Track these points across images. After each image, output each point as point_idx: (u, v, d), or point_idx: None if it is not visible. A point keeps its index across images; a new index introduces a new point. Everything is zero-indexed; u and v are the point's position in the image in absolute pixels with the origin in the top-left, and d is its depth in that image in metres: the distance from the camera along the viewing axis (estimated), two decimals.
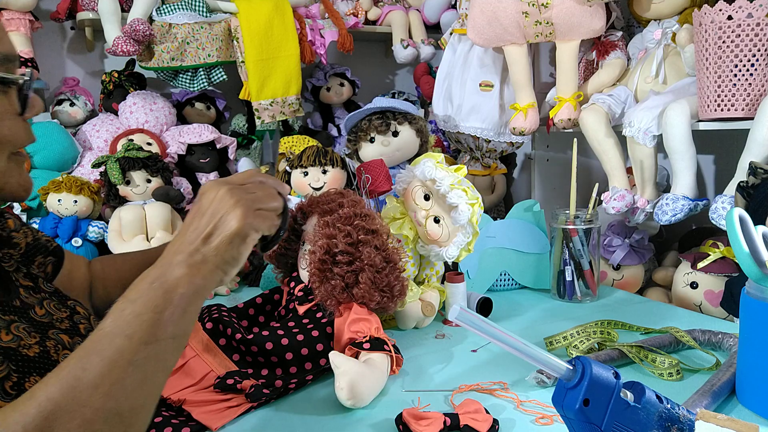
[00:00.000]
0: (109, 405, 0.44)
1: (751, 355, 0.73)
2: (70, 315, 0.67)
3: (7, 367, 0.54)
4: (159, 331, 0.49)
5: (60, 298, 0.69)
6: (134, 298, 0.51)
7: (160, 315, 0.50)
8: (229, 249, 0.56)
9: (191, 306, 0.53)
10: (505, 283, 1.33)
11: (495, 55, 1.65)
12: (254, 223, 0.58)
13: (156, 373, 0.49)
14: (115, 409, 0.45)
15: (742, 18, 1.09)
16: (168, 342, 0.50)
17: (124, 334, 0.48)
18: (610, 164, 1.38)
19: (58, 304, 0.67)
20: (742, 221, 0.70)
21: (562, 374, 0.50)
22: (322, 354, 0.84)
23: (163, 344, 0.50)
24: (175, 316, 0.50)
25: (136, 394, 0.47)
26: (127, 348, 0.47)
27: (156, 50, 1.68)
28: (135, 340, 0.48)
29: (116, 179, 1.56)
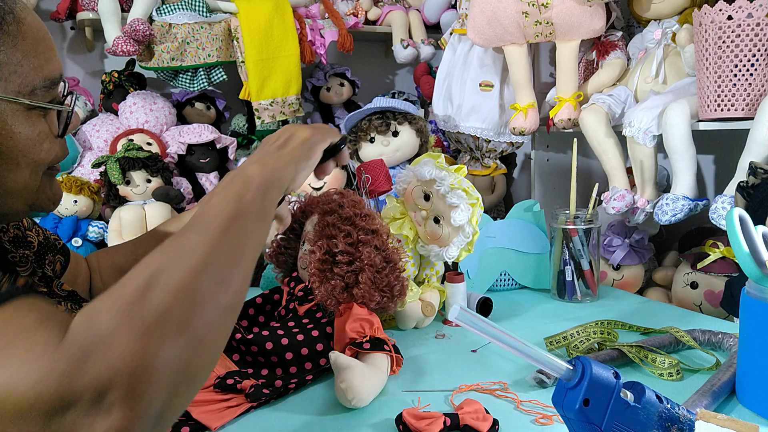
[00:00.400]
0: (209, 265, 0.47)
1: (751, 355, 0.73)
2: None
3: None
4: (243, 209, 0.54)
5: (75, 300, 0.70)
6: (216, 192, 0.56)
7: (242, 198, 0.55)
8: (301, 149, 0.66)
9: (269, 192, 0.58)
10: (505, 283, 1.33)
11: (495, 55, 1.65)
12: (321, 136, 0.70)
13: (247, 243, 0.53)
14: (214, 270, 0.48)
15: (742, 18, 1.09)
16: (253, 221, 0.55)
17: (215, 212, 0.53)
18: (610, 164, 1.38)
19: (74, 305, 0.68)
20: (742, 221, 0.70)
21: (562, 374, 0.50)
22: (322, 354, 0.84)
23: (250, 221, 0.54)
24: (257, 199, 0.56)
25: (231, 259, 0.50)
26: (218, 222, 0.52)
27: (156, 50, 1.68)
28: (224, 215, 0.53)
29: (116, 179, 1.56)
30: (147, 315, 0.41)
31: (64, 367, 0.38)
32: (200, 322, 0.44)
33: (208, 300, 0.45)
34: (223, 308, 0.47)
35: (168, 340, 0.41)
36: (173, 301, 0.43)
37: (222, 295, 0.47)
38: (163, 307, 0.42)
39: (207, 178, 1.81)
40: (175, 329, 0.42)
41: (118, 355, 0.39)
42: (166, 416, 0.41)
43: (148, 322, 0.41)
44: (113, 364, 0.38)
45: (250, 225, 0.54)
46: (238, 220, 0.53)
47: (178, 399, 0.42)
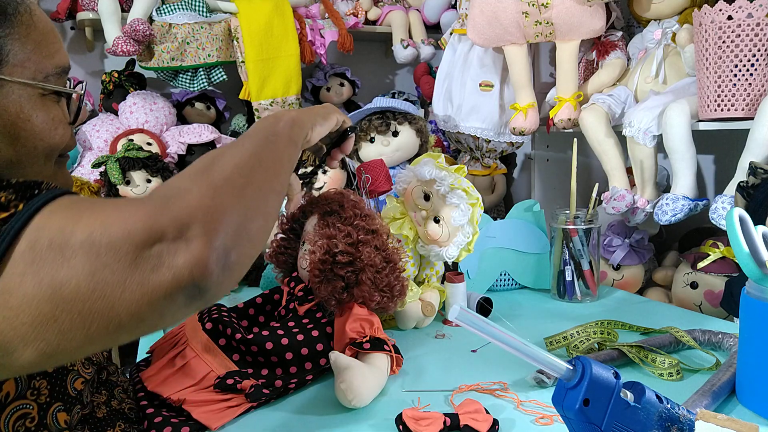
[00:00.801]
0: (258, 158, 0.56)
1: (751, 355, 0.73)
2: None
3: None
4: (278, 131, 0.63)
5: None
6: (252, 128, 0.64)
7: (275, 125, 0.64)
8: (321, 111, 0.75)
9: (295, 127, 0.66)
10: (505, 283, 1.33)
11: (495, 55, 1.65)
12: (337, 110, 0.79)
13: (282, 157, 0.61)
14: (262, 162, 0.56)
15: (742, 18, 1.09)
16: (285, 143, 0.63)
17: (253, 131, 0.62)
18: (610, 164, 1.38)
19: None
20: (742, 221, 0.70)
21: (562, 374, 0.50)
22: (322, 354, 0.84)
23: (282, 143, 0.62)
24: (286, 128, 0.64)
25: (273, 160, 0.58)
26: (259, 136, 0.61)
27: (156, 50, 1.68)
28: (262, 134, 0.61)
29: (116, 179, 1.56)
30: (214, 177, 0.49)
31: (150, 210, 0.44)
32: (256, 193, 0.52)
33: (262, 179, 0.54)
34: (273, 189, 0.56)
35: (233, 197, 0.49)
36: (233, 172, 0.51)
37: (271, 179, 0.56)
38: (226, 175, 0.50)
39: None
40: (237, 192, 0.50)
41: (194, 201, 0.46)
42: (232, 260, 0.46)
43: (216, 182, 0.49)
44: (191, 206, 0.45)
45: (282, 142, 0.62)
46: (273, 136, 0.62)
47: (242, 249, 0.48)
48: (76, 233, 0.42)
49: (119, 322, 0.42)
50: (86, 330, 0.42)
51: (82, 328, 0.41)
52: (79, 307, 0.41)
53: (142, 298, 0.42)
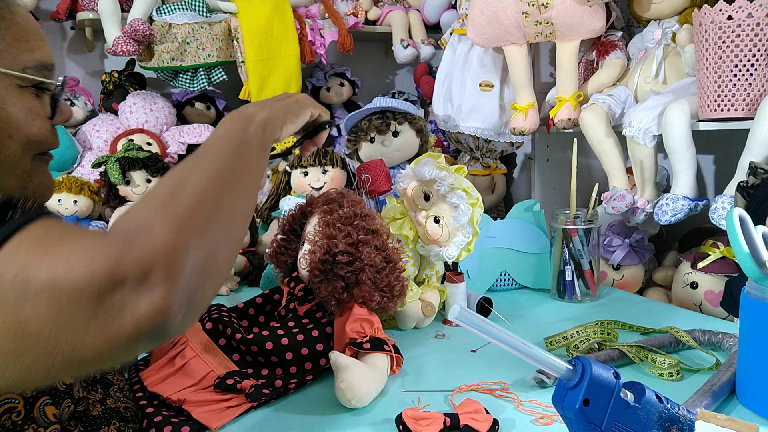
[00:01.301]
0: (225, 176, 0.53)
1: (751, 355, 0.73)
2: None
3: None
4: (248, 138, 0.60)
5: None
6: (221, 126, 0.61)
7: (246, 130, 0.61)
8: (294, 105, 0.71)
9: (267, 129, 0.63)
10: (505, 283, 1.33)
11: (495, 55, 1.65)
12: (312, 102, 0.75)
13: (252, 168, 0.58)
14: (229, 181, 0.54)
15: (742, 18, 1.09)
16: (256, 150, 0.60)
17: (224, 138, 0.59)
18: (610, 164, 1.38)
19: None
20: (742, 221, 0.70)
21: (562, 374, 0.50)
22: (322, 354, 0.84)
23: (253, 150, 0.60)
24: (258, 132, 0.61)
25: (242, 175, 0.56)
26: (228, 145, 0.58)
27: (156, 50, 1.68)
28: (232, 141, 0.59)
29: (116, 179, 1.56)
30: (178, 211, 0.47)
31: (112, 252, 0.43)
32: (222, 221, 0.50)
33: (227, 203, 0.52)
34: (239, 213, 0.53)
35: (196, 233, 0.47)
36: (198, 203, 0.49)
37: (238, 201, 0.54)
38: (190, 206, 0.48)
39: None
40: (202, 225, 0.48)
41: (157, 241, 0.44)
42: (196, 302, 0.46)
43: (180, 217, 0.47)
44: (154, 247, 0.44)
45: (253, 152, 0.60)
46: (244, 145, 0.59)
47: (206, 287, 0.47)
48: (41, 271, 0.42)
49: (82, 360, 0.42)
50: (49, 365, 0.42)
51: (45, 364, 0.42)
52: (42, 345, 0.41)
53: (104, 343, 0.42)
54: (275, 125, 0.66)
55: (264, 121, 0.64)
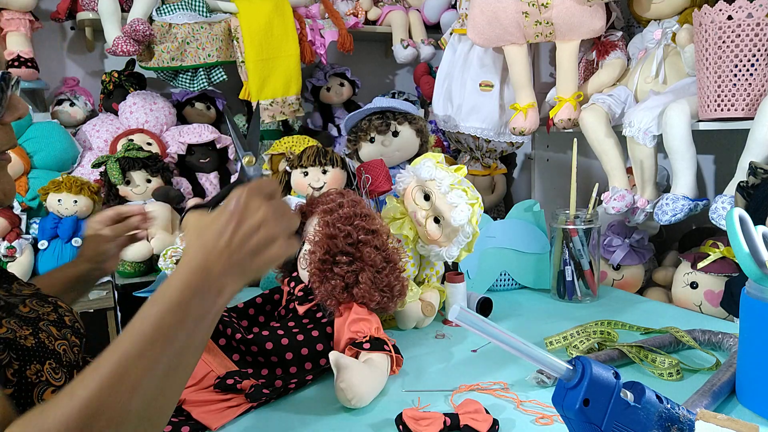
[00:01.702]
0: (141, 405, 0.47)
1: (751, 355, 0.73)
2: (54, 309, 0.68)
3: (8, 355, 0.55)
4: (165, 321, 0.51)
5: (40, 296, 0.69)
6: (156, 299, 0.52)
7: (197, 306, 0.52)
8: (265, 269, 0.58)
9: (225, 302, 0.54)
10: (505, 283, 1.33)
11: (495, 55, 1.65)
12: (289, 250, 0.59)
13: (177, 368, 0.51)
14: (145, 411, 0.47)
15: (742, 18, 1.09)
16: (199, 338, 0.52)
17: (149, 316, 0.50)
18: (610, 164, 1.38)
19: (39, 302, 0.67)
20: (742, 221, 0.70)
21: (562, 374, 0.50)
22: (322, 354, 0.84)
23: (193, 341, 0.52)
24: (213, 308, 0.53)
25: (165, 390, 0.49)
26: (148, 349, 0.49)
27: (156, 50, 1.68)
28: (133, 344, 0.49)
29: (116, 179, 1.56)
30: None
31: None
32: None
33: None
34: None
35: None
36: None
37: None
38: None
39: (207, 178, 1.81)
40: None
41: None
42: None
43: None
44: None
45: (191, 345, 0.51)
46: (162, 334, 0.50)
47: None
48: None
49: None
50: None
51: None
52: None
53: None
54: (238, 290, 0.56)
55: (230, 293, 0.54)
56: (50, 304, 0.68)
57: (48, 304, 0.68)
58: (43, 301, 0.68)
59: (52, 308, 0.68)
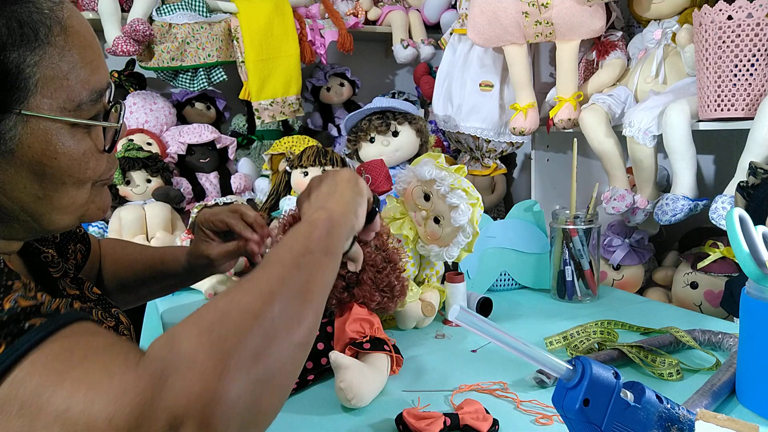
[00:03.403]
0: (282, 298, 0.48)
1: (751, 355, 0.73)
2: (116, 325, 0.67)
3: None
4: (311, 246, 0.55)
5: (105, 306, 0.68)
6: (285, 237, 0.57)
7: (309, 237, 0.56)
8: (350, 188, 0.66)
9: (334, 231, 0.59)
10: (505, 283, 1.33)
11: (495, 55, 1.65)
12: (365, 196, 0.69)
13: (316, 279, 0.53)
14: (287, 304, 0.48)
15: (742, 18, 1.09)
16: (321, 257, 0.55)
17: (284, 250, 0.54)
18: (610, 164, 1.38)
19: (104, 313, 0.66)
20: (742, 221, 0.70)
21: (562, 374, 0.50)
22: (322, 354, 0.84)
23: (317, 257, 0.55)
24: (322, 237, 0.57)
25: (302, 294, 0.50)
26: (287, 258, 0.53)
27: (156, 50, 1.68)
28: (293, 252, 0.54)
29: (116, 179, 1.56)
30: (225, 341, 0.42)
31: (141, 390, 0.38)
32: (274, 354, 0.44)
33: (282, 333, 0.45)
34: (295, 343, 0.47)
35: (243, 369, 0.41)
36: (249, 331, 0.43)
37: (295, 329, 0.47)
38: (240, 335, 0.42)
39: (207, 178, 1.81)
40: (251, 358, 0.42)
41: (196, 381, 0.39)
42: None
43: (226, 348, 0.41)
44: (190, 392, 0.38)
45: (318, 261, 0.54)
46: (307, 256, 0.54)
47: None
48: (54, 401, 0.38)
49: None
50: None
51: None
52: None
53: None
54: (344, 222, 0.61)
55: (328, 223, 0.59)
56: (112, 318, 0.67)
57: (110, 318, 0.67)
58: (106, 313, 0.67)
59: (114, 324, 0.66)
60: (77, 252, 0.78)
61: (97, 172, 0.56)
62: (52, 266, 0.67)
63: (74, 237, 0.78)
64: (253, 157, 1.96)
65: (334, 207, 0.62)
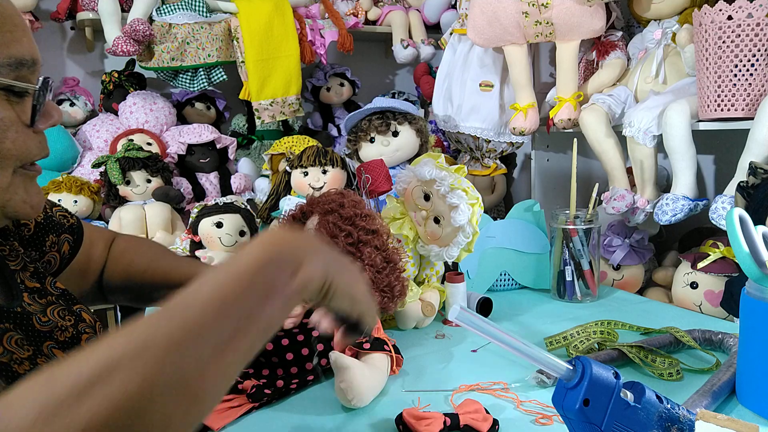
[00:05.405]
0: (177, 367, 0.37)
1: (751, 355, 0.73)
2: (75, 323, 0.62)
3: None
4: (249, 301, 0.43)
5: (67, 302, 0.64)
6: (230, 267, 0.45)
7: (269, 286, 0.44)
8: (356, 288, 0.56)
9: (304, 289, 0.47)
10: (505, 283, 1.33)
11: (495, 55, 1.65)
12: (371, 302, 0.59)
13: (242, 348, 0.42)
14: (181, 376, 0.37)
15: (742, 18, 1.09)
16: (271, 317, 0.44)
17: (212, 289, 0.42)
18: (610, 164, 1.38)
19: (63, 311, 0.62)
20: (742, 221, 0.70)
21: (562, 374, 0.50)
22: (322, 354, 0.84)
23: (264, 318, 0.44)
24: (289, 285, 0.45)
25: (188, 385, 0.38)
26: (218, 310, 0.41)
27: (156, 50, 1.68)
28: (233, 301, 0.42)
29: (116, 179, 1.56)
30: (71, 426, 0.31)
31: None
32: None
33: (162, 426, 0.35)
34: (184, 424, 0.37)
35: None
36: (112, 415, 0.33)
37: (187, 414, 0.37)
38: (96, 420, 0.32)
39: (207, 178, 1.81)
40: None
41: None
42: None
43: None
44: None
45: (252, 331, 0.42)
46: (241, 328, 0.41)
47: None
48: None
49: None
50: None
51: None
52: None
53: None
54: (314, 291, 0.49)
55: (304, 285, 0.46)
56: (72, 315, 0.62)
57: (70, 315, 0.62)
58: (67, 310, 0.63)
59: (73, 322, 0.62)
60: (62, 243, 0.72)
61: (18, 149, 0.52)
62: (10, 259, 0.63)
63: (55, 228, 0.72)
64: (253, 157, 1.96)
65: (328, 268, 0.49)
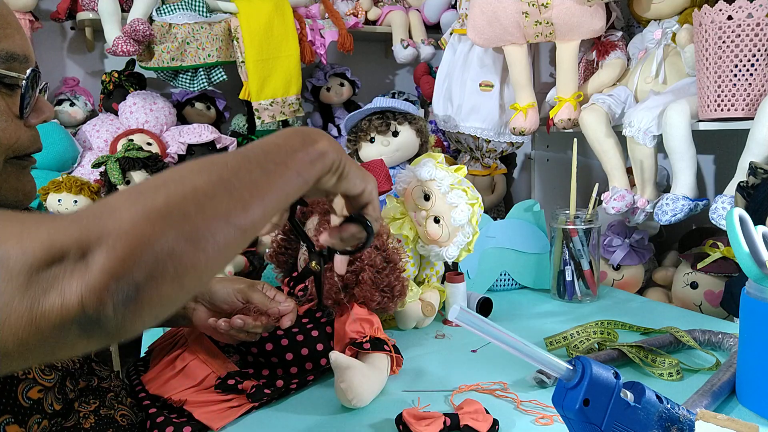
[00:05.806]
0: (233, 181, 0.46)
1: (751, 355, 0.73)
2: None
3: None
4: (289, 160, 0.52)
5: None
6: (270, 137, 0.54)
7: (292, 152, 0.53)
8: (361, 173, 0.61)
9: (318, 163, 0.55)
10: (505, 283, 1.33)
11: (495, 55, 1.65)
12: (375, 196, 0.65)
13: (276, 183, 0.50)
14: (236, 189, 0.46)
15: (742, 18, 1.09)
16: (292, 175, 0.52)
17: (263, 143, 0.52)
18: (610, 164, 1.38)
19: None
20: (742, 221, 0.70)
21: (562, 374, 0.50)
22: (322, 354, 0.84)
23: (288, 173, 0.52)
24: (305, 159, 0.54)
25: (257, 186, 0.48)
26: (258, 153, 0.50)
27: (156, 50, 1.68)
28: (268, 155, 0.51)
29: (116, 179, 1.56)
30: (155, 202, 0.40)
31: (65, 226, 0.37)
32: (204, 224, 0.42)
33: (221, 212, 0.44)
34: (233, 223, 0.44)
35: (165, 224, 0.40)
36: (183, 199, 0.42)
37: (236, 214, 0.45)
38: (170, 200, 0.41)
39: None
40: (178, 218, 0.40)
41: (114, 223, 0.38)
42: (141, 299, 0.38)
43: (153, 207, 0.40)
44: (106, 227, 0.38)
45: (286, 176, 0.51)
46: (279, 166, 0.51)
47: (160, 288, 0.39)
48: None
49: (5, 350, 0.36)
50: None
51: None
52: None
53: (29, 325, 0.35)
54: (329, 164, 0.56)
55: (321, 154, 0.55)
56: None
57: None
58: None
59: None
60: None
61: (9, 139, 0.55)
62: None
63: None
64: None
65: (338, 154, 0.57)
